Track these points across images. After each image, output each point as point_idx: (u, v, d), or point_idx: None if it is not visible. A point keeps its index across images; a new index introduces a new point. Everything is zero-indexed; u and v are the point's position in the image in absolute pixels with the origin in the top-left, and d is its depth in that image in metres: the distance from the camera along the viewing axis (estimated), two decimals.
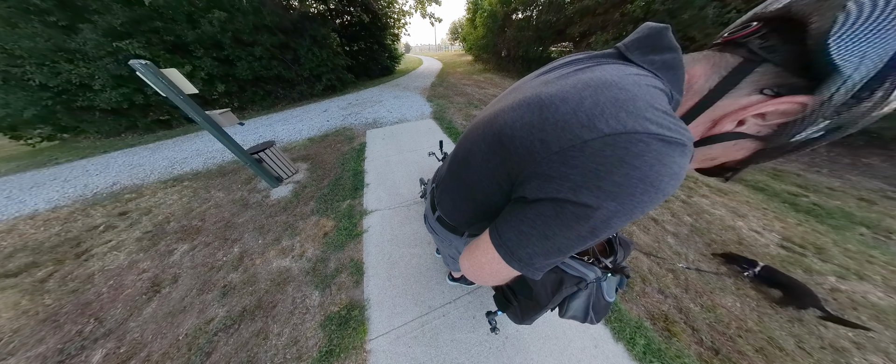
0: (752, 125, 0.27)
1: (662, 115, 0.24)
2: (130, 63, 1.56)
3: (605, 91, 0.25)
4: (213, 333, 1.31)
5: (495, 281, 0.36)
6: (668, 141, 0.22)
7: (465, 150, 0.42)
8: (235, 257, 1.77)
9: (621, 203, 0.24)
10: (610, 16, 6.03)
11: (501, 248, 0.30)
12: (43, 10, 4.79)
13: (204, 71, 5.72)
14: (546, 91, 0.29)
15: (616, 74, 0.27)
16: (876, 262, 1.64)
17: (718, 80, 0.27)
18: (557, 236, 0.27)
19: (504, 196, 0.35)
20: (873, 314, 1.33)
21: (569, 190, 0.25)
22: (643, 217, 1.88)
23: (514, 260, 0.30)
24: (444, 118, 4.13)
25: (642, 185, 0.23)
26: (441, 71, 11.01)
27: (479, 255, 0.34)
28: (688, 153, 0.24)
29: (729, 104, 0.27)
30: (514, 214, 0.30)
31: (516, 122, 0.30)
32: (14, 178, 4.19)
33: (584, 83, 0.27)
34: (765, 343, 1.16)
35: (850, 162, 2.81)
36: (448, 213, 0.55)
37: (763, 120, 0.26)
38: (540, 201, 0.27)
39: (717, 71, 0.27)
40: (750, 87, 0.25)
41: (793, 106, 0.24)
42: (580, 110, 0.25)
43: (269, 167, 2.54)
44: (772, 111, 0.25)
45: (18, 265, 2.08)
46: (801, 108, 0.23)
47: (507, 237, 0.30)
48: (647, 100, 0.24)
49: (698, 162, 0.33)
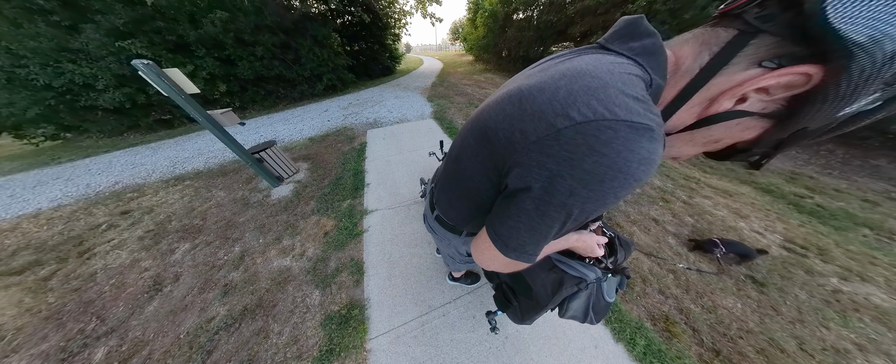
0: (755, 102, 0.24)
1: (632, 101, 0.23)
2: (133, 63, 1.56)
3: (579, 80, 0.26)
4: (215, 332, 1.32)
5: (497, 267, 0.38)
6: (634, 127, 0.22)
7: (459, 147, 0.43)
8: (236, 256, 1.77)
9: (592, 190, 0.25)
10: (611, 16, 6.01)
11: (497, 242, 0.33)
12: (46, 11, 4.81)
13: (205, 70, 5.74)
14: (526, 83, 0.30)
15: (592, 63, 0.27)
16: (879, 264, 1.63)
17: (710, 57, 0.25)
18: (541, 226, 0.29)
19: (495, 190, 0.36)
20: (876, 316, 1.33)
21: (545, 178, 0.26)
22: (644, 217, 1.87)
23: (510, 251, 0.33)
24: (444, 118, 4.13)
25: (611, 171, 0.23)
26: (442, 71, 11.00)
27: (481, 244, 0.37)
28: (657, 138, 0.23)
29: (724, 81, 0.24)
30: (503, 210, 0.32)
31: (499, 115, 0.31)
32: (18, 177, 4.22)
33: (562, 73, 0.28)
34: (766, 344, 1.15)
35: (860, 163, 2.79)
36: (445, 211, 0.55)
37: (768, 95, 0.23)
38: (522, 193, 0.29)
39: (707, 48, 0.25)
40: (746, 62, 0.23)
41: (795, 77, 0.21)
42: (555, 100, 0.26)
43: (270, 167, 2.55)
44: (773, 84, 0.22)
45: (22, 263, 2.10)
46: (806, 79, 0.21)
47: (500, 232, 0.33)
48: (619, 87, 0.24)
49: (701, 145, 0.30)
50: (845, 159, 2.88)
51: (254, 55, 6.19)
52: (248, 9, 5.81)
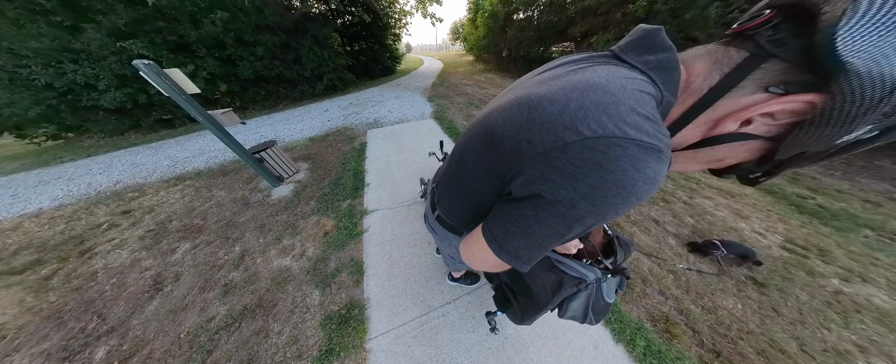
0: (760, 125, 0.25)
1: (643, 120, 0.24)
2: (134, 63, 1.57)
3: (591, 94, 0.25)
4: (215, 331, 1.32)
5: (486, 267, 0.38)
6: (644, 146, 0.23)
7: (462, 149, 0.43)
8: (237, 256, 1.78)
9: (594, 205, 0.25)
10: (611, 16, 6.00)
11: (492, 243, 0.33)
12: (48, 11, 4.83)
13: (206, 70, 5.75)
14: (537, 91, 0.29)
15: (605, 77, 0.27)
16: (880, 265, 1.63)
17: (719, 78, 0.25)
18: (538, 233, 0.29)
19: (496, 194, 0.36)
20: (877, 317, 1.32)
21: (549, 189, 0.26)
22: (644, 218, 1.87)
23: (503, 252, 0.32)
24: (444, 118, 4.13)
25: (615, 188, 0.23)
26: (442, 71, 11.01)
27: (473, 244, 0.37)
28: (664, 159, 0.24)
29: (730, 103, 0.25)
30: (502, 213, 0.32)
31: (506, 122, 0.30)
32: (20, 177, 4.23)
33: (573, 85, 0.27)
34: (766, 345, 1.15)
35: (863, 164, 2.77)
36: (446, 212, 0.55)
37: (773, 120, 0.24)
38: (523, 200, 0.29)
39: (718, 68, 0.26)
40: (754, 85, 0.24)
41: (800, 105, 0.22)
42: (565, 112, 0.25)
43: (270, 167, 2.56)
44: (779, 110, 0.23)
45: (24, 262, 2.10)
46: (810, 107, 0.21)
47: (496, 233, 0.32)
48: (630, 104, 0.24)
49: (704, 163, 0.31)
50: (848, 160, 2.86)
51: (254, 55, 6.20)
52: (249, 9, 5.82)
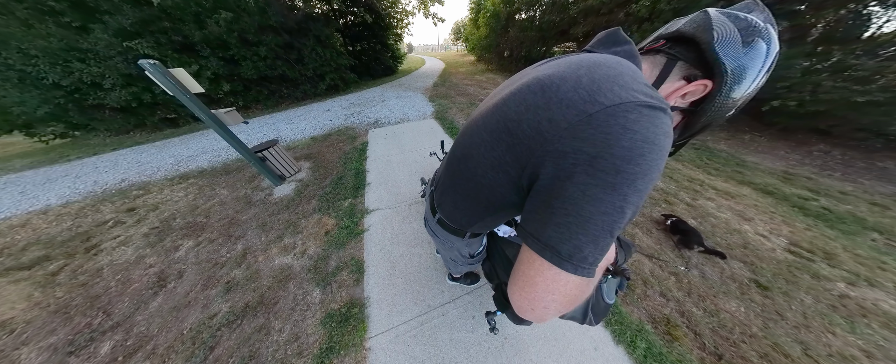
0: (681, 102, 0.38)
1: (645, 87, 0.28)
2: (139, 63, 1.59)
3: (597, 69, 0.29)
4: (217, 328, 1.33)
5: (560, 301, 0.28)
6: (654, 107, 0.26)
7: (465, 146, 0.43)
8: (239, 254, 1.79)
9: (637, 164, 0.25)
10: (614, 16, 5.95)
11: (546, 252, 0.27)
12: (57, 11, 4.91)
13: (210, 70, 5.81)
14: (544, 73, 0.32)
15: (600, 57, 0.33)
16: (888, 269, 1.60)
17: (658, 72, 0.37)
18: (595, 215, 0.25)
19: (512, 185, 0.35)
20: (885, 322, 1.30)
21: (585, 163, 0.26)
22: (645, 219, 1.86)
23: (563, 259, 0.26)
24: (445, 118, 4.13)
25: (646, 144, 0.25)
26: (443, 71, 11.00)
27: (527, 274, 0.29)
28: (669, 115, 0.28)
29: (666, 87, 0.37)
30: (542, 211, 0.28)
31: (520, 106, 0.32)
32: (28, 175, 4.31)
33: (577, 63, 0.31)
34: (769, 349, 1.14)
35: (864, 166, 2.72)
36: (449, 213, 0.55)
37: (688, 97, 0.37)
38: (562, 187, 0.26)
39: (657, 66, 0.38)
40: (675, 77, 0.36)
41: (699, 87, 0.35)
42: (580, 87, 0.28)
43: (272, 165, 2.58)
44: (690, 91, 0.36)
45: (32, 258, 2.14)
46: (704, 87, 0.35)
47: (547, 236, 0.27)
48: (631, 74, 0.29)
49: None
50: (846, 160, 2.82)
51: (257, 55, 6.25)
52: (252, 9, 5.87)
